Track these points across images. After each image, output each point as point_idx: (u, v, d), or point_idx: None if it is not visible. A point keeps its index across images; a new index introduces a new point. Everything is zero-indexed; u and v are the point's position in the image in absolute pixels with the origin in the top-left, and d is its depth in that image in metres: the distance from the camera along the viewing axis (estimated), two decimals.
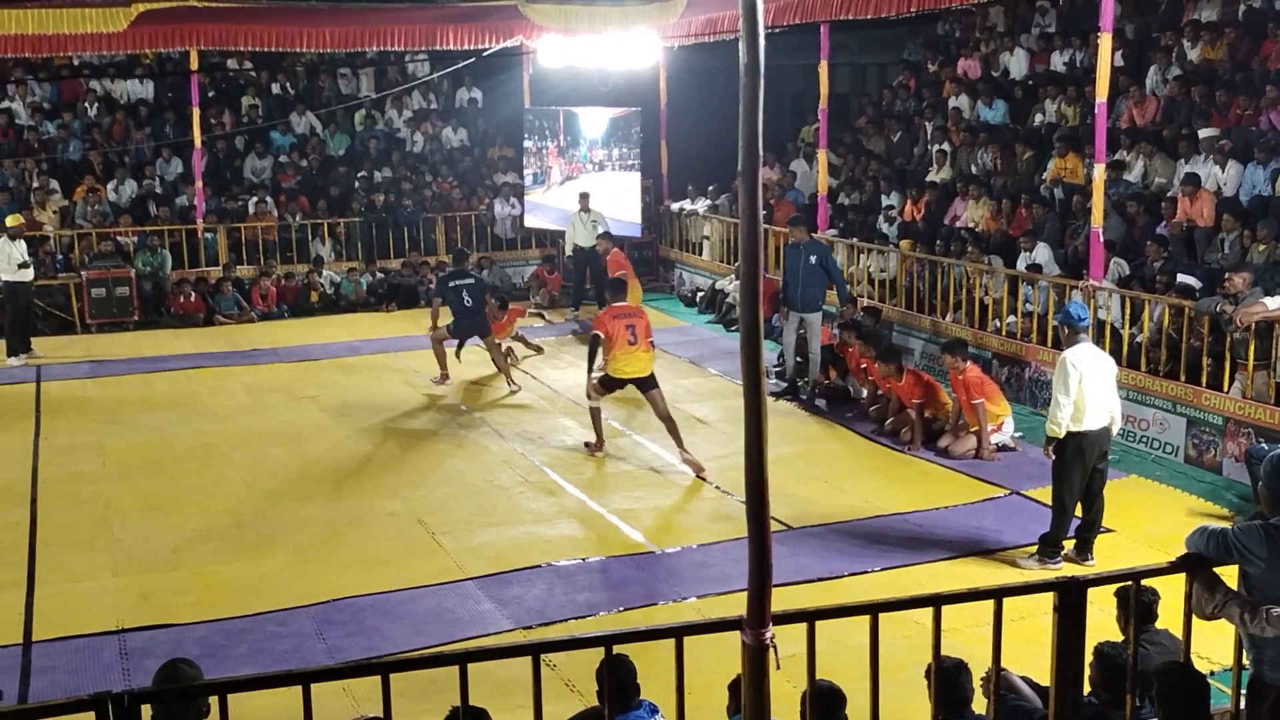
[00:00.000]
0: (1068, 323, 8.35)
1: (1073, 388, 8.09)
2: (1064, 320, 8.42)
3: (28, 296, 14.85)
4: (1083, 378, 8.12)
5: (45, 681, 6.84)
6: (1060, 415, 8.13)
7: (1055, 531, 8.40)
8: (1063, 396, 8.10)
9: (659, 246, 19.90)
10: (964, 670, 4.83)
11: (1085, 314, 8.65)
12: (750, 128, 3.05)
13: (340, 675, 3.76)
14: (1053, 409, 8.19)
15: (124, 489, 10.18)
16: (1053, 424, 8.19)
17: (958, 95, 16.82)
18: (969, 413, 10.83)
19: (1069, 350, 8.23)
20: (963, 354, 11.06)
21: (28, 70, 19.37)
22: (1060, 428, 8.15)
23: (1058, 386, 8.16)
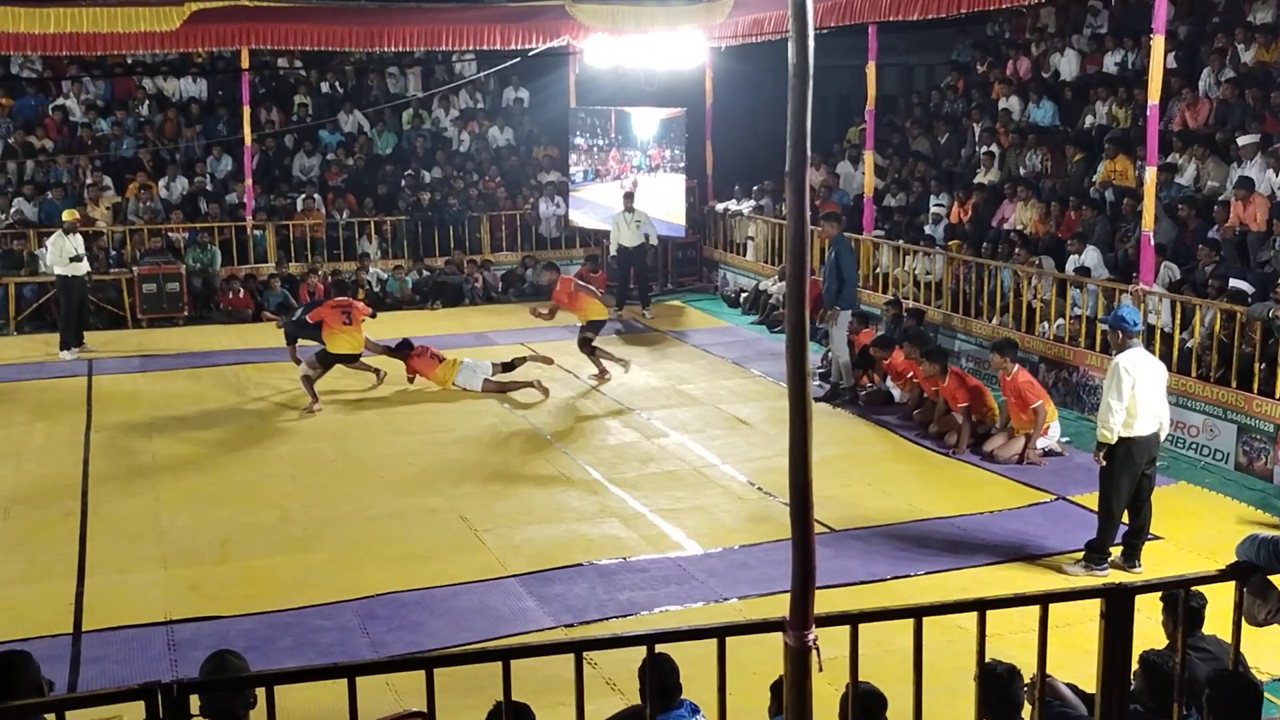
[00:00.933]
0: (1121, 326, 8.21)
1: (1125, 393, 7.98)
2: (1116, 324, 8.28)
3: (81, 291, 15.04)
4: (1135, 383, 8.02)
5: (95, 671, 6.94)
6: (1112, 420, 8.02)
7: (1102, 538, 8.31)
8: (1115, 402, 7.99)
9: (703, 247, 19.89)
10: (1016, 677, 4.79)
11: (1138, 318, 8.53)
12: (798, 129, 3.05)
13: (385, 669, 3.79)
14: (1104, 414, 8.07)
15: (173, 482, 10.32)
16: (1104, 429, 8.08)
17: (1007, 96, 16.68)
18: (1018, 416, 10.71)
19: (1122, 355, 8.11)
20: (1012, 355, 10.92)
21: (82, 68, 19.65)
22: (1112, 433, 8.04)
23: (1110, 391, 8.04)
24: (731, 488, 10.14)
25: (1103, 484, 8.30)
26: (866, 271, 15.72)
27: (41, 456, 11.02)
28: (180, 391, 13.27)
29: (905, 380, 12.26)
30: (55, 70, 19.71)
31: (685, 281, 19.72)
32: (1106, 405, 8.04)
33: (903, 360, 12.16)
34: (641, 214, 17.10)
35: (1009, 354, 10.87)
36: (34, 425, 11.96)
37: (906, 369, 12.14)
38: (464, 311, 17.68)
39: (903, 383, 12.33)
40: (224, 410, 12.53)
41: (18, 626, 7.42)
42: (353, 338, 12.63)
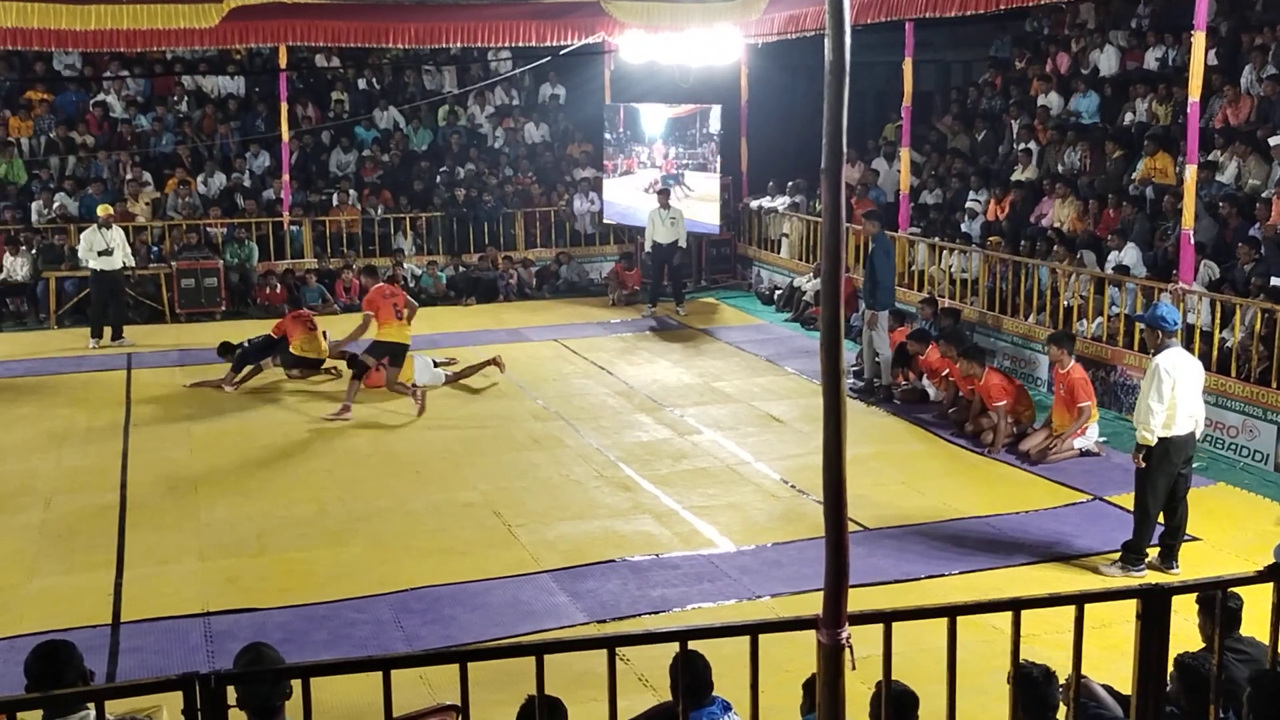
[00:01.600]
0: (1160, 326, 8.11)
1: (1166, 394, 7.90)
2: (1155, 323, 8.16)
3: (112, 285, 15.18)
4: (1175, 384, 7.93)
5: (133, 661, 7.02)
6: (1153, 422, 7.92)
7: (1139, 538, 8.24)
8: (1156, 403, 7.89)
9: (737, 244, 19.86)
10: (1052, 679, 4.76)
11: (1177, 317, 8.41)
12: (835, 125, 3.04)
13: (420, 663, 3.81)
14: (1143, 415, 7.97)
15: (210, 475, 10.42)
16: (1145, 431, 7.97)
17: (1046, 93, 16.56)
18: (1063, 413, 10.61)
19: (1161, 355, 8.02)
20: (1069, 347, 10.77)
21: (123, 65, 19.85)
22: (1153, 435, 7.95)
23: (1150, 393, 7.94)
24: (764, 485, 10.13)
25: (1139, 484, 8.23)
26: (902, 269, 15.65)
27: (82, 449, 11.15)
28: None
29: (940, 378, 12.19)
30: (96, 67, 19.91)
31: (719, 278, 19.69)
32: (1147, 407, 7.94)
33: (938, 358, 12.10)
34: (676, 211, 17.09)
35: (1066, 346, 10.74)
36: (74, 418, 12.10)
37: (942, 366, 12.08)
38: (498, 308, 17.74)
39: (938, 380, 12.27)
40: (260, 404, 12.63)
41: (58, 617, 7.53)
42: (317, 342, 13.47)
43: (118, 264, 15.17)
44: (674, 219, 16.98)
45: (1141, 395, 8.07)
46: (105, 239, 14.99)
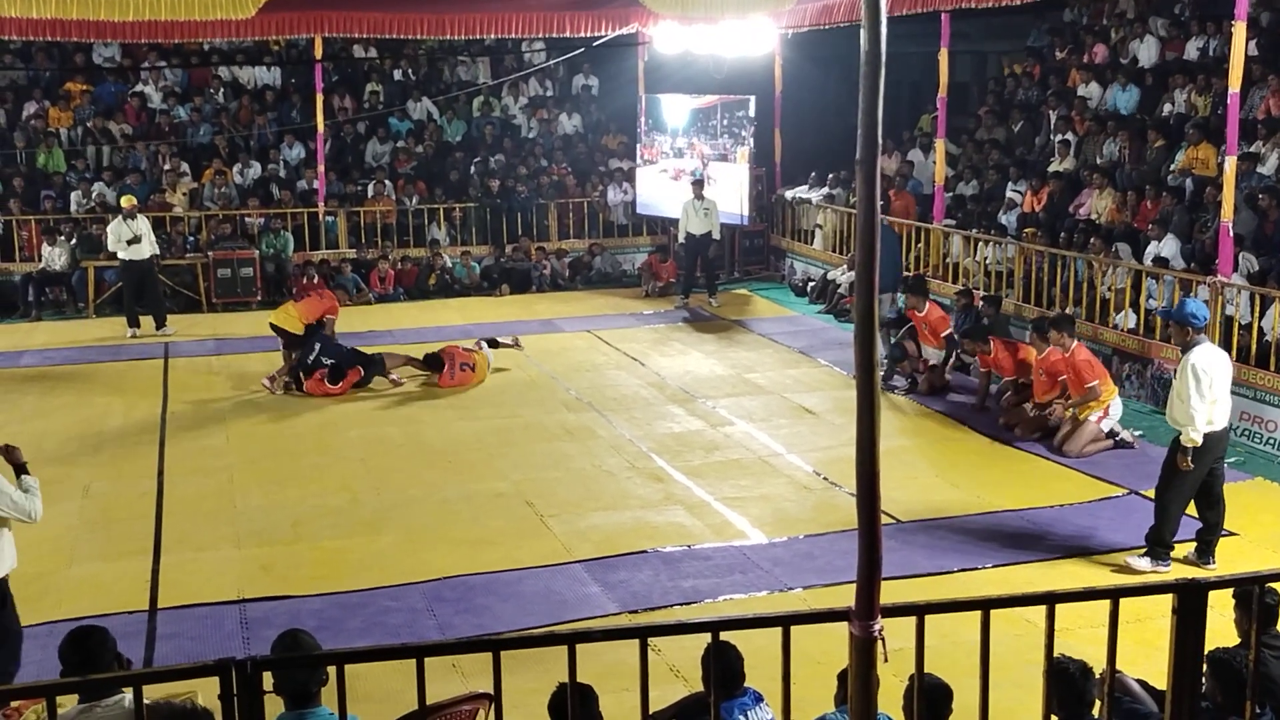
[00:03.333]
0: (1188, 322, 7.96)
1: (1205, 393, 7.78)
2: (1182, 319, 8.01)
3: (139, 273, 15.29)
4: (1212, 381, 7.83)
5: (170, 648, 7.10)
6: (1198, 421, 7.77)
7: (1161, 531, 8.14)
8: (1197, 403, 7.75)
9: (770, 235, 19.81)
10: (1089, 675, 4.74)
11: (1205, 312, 8.27)
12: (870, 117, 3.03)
13: (454, 650, 3.82)
14: (1186, 416, 7.79)
15: (246, 463, 10.51)
16: (1191, 432, 7.79)
17: (1085, 83, 16.41)
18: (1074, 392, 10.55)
19: (1193, 353, 7.87)
20: (1069, 330, 10.70)
21: (160, 56, 20.01)
22: (1199, 435, 7.79)
23: (1190, 394, 7.76)
24: (797, 477, 10.11)
25: (1165, 478, 8.11)
26: (936, 261, 15.58)
27: (119, 437, 11.27)
28: (253, 374, 13.48)
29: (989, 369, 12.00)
30: (134, 58, 20.09)
31: (752, 270, 19.65)
32: (1189, 408, 7.76)
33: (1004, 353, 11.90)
34: (710, 202, 17.06)
35: (1066, 329, 10.66)
36: (112, 406, 12.24)
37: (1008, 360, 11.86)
38: (531, 298, 17.79)
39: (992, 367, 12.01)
40: (296, 393, 12.71)
41: (97, 602, 7.62)
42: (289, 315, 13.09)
43: (146, 253, 15.26)
44: (707, 210, 16.95)
45: (1178, 396, 7.87)
46: (131, 228, 15.09)
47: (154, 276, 15.68)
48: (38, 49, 19.33)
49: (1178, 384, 7.93)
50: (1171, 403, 8.02)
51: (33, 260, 17.12)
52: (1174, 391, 7.98)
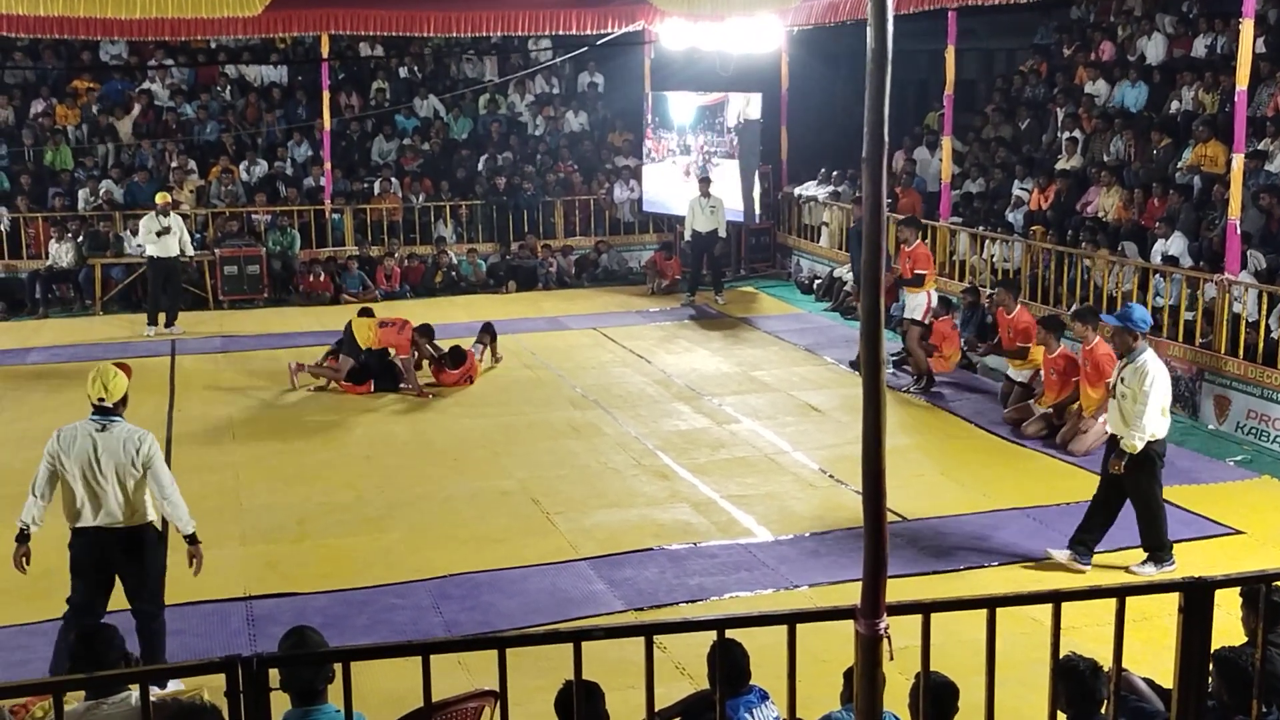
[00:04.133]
0: (1133, 327, 7.83)
1: (1155, 398, 7.73)
2: (1128, 324, 7.85)
3: (165, 270, 15.22)
4: (1165, 389, 7.79)
5: (175, 644, 7.09)
6: (1147, 426, 7.73)
7: (1158, 536, 8.06)
8: (1147, 408, 7.70)
9: (776, 233, 19.79)
10: (1098, 673, 4.73)
11: (1148, 317, 8.16)
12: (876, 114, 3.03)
13: (459, 648, 3.84)
14: (1143, 421, 7.72)
15: (251, 461, 10.52)
16: (1140, 437, 7.74)
17: (1092, 81, 16.37)
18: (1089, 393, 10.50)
19: (1144, 359, 7.82)
20: (1093, 323, 10.66)
21: (167, 53, 20.04)
22: (1141, 443, 7.76)
23: (1151, 400, 7.68)
24: (803, 475, 10.11)
25: (1142, 486, 7.97)
26: (943, 259, 15.56)
27: None
28: (260, 372, 13.50)
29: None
30: (141, 56, 20.12)
31: (758, 267, 19.64)
32: (1148, 413, 7.69)
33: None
34: (717, 200, 17.04)
35: (1090, 322, 10.58)
36: None
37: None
38: (537, 295, 17.79)
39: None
40: (302, 391, 12.73)
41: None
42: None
43: (174, 250, 15.13)
44: (714, 208, 16.93)
45: (1137, 401, 7.74)
46: (162, 223, 14.97)
47: (178, 275, 15.56)
48: (45, 47, 19.38)
49: (1132, 389, 7.76)
50: (1120, 408, 7.85)
51: (40, 258, 17.14)
52: (1123, 397, 7.81)
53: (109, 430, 6.31)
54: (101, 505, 6.28)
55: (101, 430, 6.30)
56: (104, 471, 6.26)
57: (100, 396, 6.38)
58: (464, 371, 12.93)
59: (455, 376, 12.87)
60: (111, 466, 6.26)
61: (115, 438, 6.30)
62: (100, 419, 6.36)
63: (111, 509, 6.29)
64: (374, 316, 12.97)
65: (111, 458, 6.26)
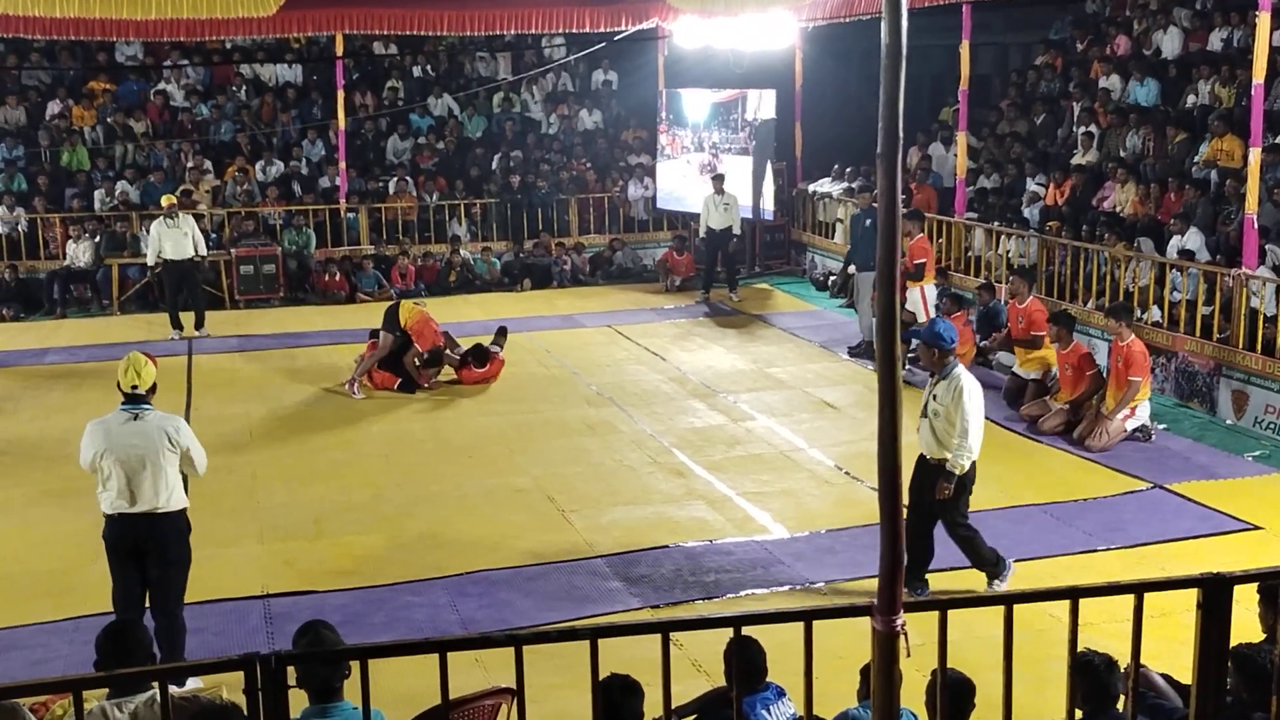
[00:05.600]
0: (938, 345, 7.46)
1: (976, 413, 7.32)
2: (933, 341, 7.48)
3: (179, 273, 15.17)
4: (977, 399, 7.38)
5: (195, 642, 7.12)
6: (974, 445, 7.33)
7: (981, 553, 7.63)
8: (973, 426, 7.30)
9: (791, 230, 19.76)
10: (1114, 668, 4.72)
11: (954, 333, 7.70)
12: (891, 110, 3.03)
13: (476, 645, 3.85)
14: (970, 441, 7.31)
15: (269, 459, 10.56)
16: (966, 456, 7.33)
17: (1107, 75, 16.30)
18: (1117, 390, 10.47)
19: (956, 373, 7.37)
20: (1128, 320, 10.61)
21: (183, 54, 20.12)
22: (970, 460, 7.37)
23: (971, 417, 7.26)
24: (818, 472, 10.10)
25: (949, 512, 7.54)
26: (958, 255, 15.53)
27: None
28: (276, 371, 13.55)
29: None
30: (156, 56, 20.20)
31: (773, 264, 19.62)
32: (973, 430, 7.30)
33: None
34: (731, 197, 17.02)
35: (1124, 319, 10.57)
36: None
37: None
38: (552, 294, 17.80)
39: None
40: (318, 390, 12.77)
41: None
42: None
43: (188, 252, 15.09)
44: (727, 205, 16.91)
45: (952, 421, 7.31)
46: (171, 226, 14.90)
47: (195, 276, 15.50)
48: (61, 48, 19.47)
49: (946, 407, 7.34)
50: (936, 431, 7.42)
51: (57, 258, 17.22)
52: (935, 415, 7.41)
53: (143, 419, 6.46)
54: (138, 493, 6.41)
55: (135, 419, 6.44)
56: (141, 460, 6.39)
57: (134, 384, 6.53)
58: (489, 372, 12.94)
59: (479, 375, 12.89)
60: (148, 454, 6.39)
61: (150, 425, 6.45)
62: (132, 407, 6.50)
63: (148, 496, 6.42)
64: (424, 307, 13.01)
65: (148, 445, 6.40)
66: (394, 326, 12.53)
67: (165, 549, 6.50)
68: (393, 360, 12.61)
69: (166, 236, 14.95)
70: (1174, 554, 8.25)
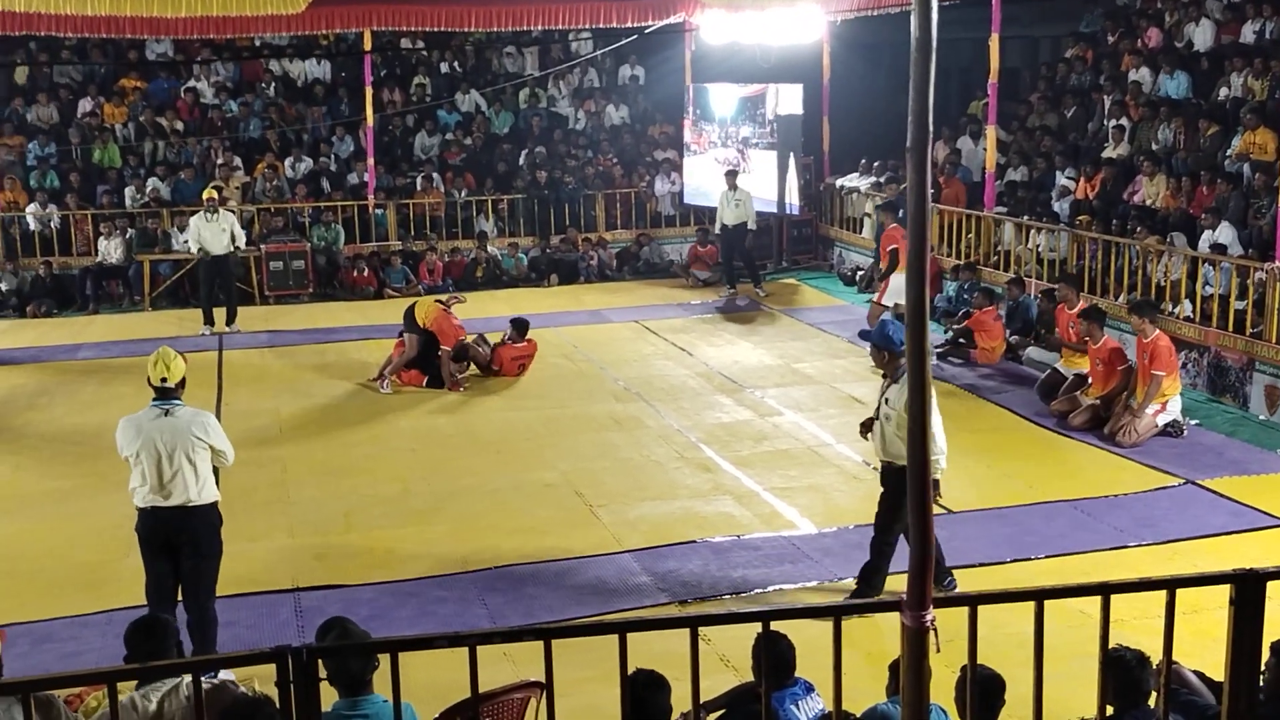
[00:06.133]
0: (889, 347, 7.29)
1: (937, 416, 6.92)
2: (884, 344, 7.32)
3: (214, 268, 15.28)
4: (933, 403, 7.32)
5: (226, 635, 7.17)
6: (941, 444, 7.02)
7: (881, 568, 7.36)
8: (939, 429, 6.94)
9: (818, 224, 19.71)
10: (1146, 664, 4.69)
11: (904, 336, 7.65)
12: (921, 103, 3.01)
13: (506, 639, 3.87)
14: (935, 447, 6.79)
15: (299, 454, 10.62)
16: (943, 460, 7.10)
17: (1138, 68, 16.17)
18: (1145, 385, 10.39)
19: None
20: (1151, 316, 10.55)
21: (213, 51, 20.24)
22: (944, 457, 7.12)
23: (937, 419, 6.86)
24: (846, 467, 10.07)
25: (889, 514, 7.33)
26: (987, 249, 15.45)
27: None
28: (306, 366, 13.63)
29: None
30: (187, 54, 20.34)
31: (800, 259, 19.57)
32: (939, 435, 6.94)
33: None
34: (744, 193, 16.98)
35: (1148, 315, 10.49)
36: None
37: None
38: (579, 289, 17.82)
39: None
40: (347, 385, 12.83)
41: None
42: None
43: (226, 246, 15.14)
44: (739, 201, 16.89)
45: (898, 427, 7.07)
46: (210, 220, 14.96)
47: (230, 272, 15.61)
48: (93, 46, 19.62)
49: (897, 411, 7.08)
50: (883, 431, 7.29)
51: (89, 254, 17.37)
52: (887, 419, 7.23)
53: (173, 414, 6.52)
54: (170, 487, 6.48)
55: (166, 415, 6.51)
56: (172, 454, 6.46)
57: (163, 377, 6.59)
58: (525, 350, 13.00)
59: (517, 353, 12.94)
60: (180, 449, 6.47)
61: (181, 420, 6.52)
62: (163, 403, 6.57)
63: (180, 490, 6.50)
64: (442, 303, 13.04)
65: (178, 440, 6.47)
66: (414, 326, 12.59)
67: (197, 542, 6.57)
68: (421, 358, 12.66)
69: (205, 230, 15.03)
70: (1206, 550, 8.18)
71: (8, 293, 16.73)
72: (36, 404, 12.29)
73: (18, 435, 11.31)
